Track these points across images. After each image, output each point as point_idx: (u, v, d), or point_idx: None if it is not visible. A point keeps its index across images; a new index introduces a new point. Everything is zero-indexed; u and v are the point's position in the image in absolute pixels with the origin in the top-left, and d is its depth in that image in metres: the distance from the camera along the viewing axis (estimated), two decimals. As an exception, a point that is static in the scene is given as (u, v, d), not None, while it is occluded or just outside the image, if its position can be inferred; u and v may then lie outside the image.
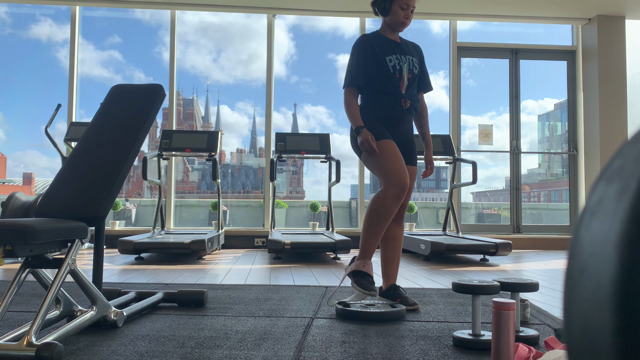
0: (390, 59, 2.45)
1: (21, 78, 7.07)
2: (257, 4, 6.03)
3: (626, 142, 0.39)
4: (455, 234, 5.40)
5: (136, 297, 2.41)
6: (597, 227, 0.37)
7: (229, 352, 1.68)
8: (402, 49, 2.52)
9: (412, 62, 2.50)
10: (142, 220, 6.85)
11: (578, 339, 0.37)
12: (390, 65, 2.44)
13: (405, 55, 2.49)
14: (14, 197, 4.29)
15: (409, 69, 2.48)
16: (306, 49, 7.67)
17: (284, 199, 7.13)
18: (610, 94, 6.11)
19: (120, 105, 2.25)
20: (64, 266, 1.75)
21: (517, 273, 3.85)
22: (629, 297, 0.33)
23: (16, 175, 7.33)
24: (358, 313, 2.19)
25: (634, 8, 5.98)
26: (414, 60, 2.52)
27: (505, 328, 1.51)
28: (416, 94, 2.56)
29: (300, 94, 8.81)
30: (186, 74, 6.82)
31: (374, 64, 2.44)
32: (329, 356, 1.65)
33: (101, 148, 2.10)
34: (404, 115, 2.48)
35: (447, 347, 1.78)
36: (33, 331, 1.53)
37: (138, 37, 7.23)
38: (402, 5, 2.43)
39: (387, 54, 2.46)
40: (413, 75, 2.50)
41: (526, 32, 6.90)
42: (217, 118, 8.96)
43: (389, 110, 2.46)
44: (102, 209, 1.92)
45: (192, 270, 3.80)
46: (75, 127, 5.34)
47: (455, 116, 6.38)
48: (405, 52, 2.51)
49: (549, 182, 7.31)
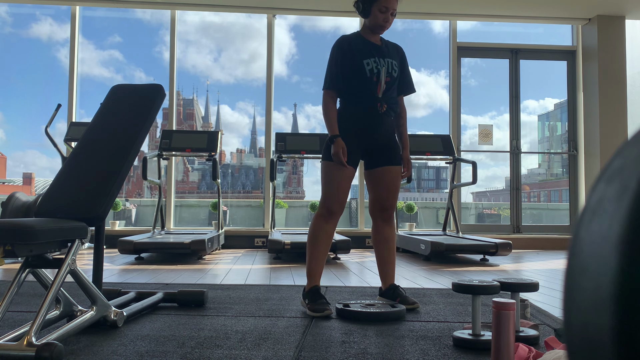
0: (368, 62, 2.42)
1: (21, 77, 7.06)
2: (257, 4, 6.03)
3: (626, 142, 0.39)
4: (455, 234, 5.40)
5: (136, 297, 2.41)
6: (597, 227, 0.37)
7: (229, 352, 1.68)
8: (382, 51, 2.48)
9: (391, 65, 2.46)
10: (142, 220, 6.85)
11: (578, 339, 0.37)
12: (368, 69, 2.41)
13: (384, 58, 2.46)
14: (14, 197, 4.29)
15: (387, 72, 2.44)
16: (307, 49, 7.68)
17: (284, 199, 7.13)
18: (610, 94, 6.11)
19: (120, 105, 2.25)
20: (64, 266, 1.75)
21: (517, 273, 3.85)
22: (629, 297, 0.33)
23: (16, 175, 7.33)
24: (358, 313, 2.19)
25: (634, 8, 5.98)
26: (394, 63, 2.48)
27: (505, 328, 1.51)
28: (395, 97, 2.53)
29: (301, 93, 8.80)
30: (186, 73, 6.82)
31: (351, 67, 2.42)
32: (329, 356, 1.65)
33: (101, 148, 2.10)
34: (380, 118, 2.45)
35: (447, 347, 1.78)
36: (33, 331, 1.53)
37: (138, 37, 7.24)
38: (381, 8, 2.38)
39: (365, 57, 2.42)
40: (392, 78, 2.46)
41: (526, 32, 6.90)
42: (217, 118, 8.97)
43: (365, 115, 2.43)
44: (102, 209, 1.92)
45: (192, 270, 3.80)
46: (75, 127, 5.34)
47: (455, 116, 6.38)
48: (384, 54, 2.47)
49: (549, 182, 7.31)
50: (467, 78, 6.65)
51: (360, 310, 2.20)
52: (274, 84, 6.30)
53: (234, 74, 7.84)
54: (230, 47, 7.72)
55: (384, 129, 2.48)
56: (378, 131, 2.46)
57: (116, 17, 6.93)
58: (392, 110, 2.50)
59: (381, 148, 2.50)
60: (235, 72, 8.14)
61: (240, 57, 7.88)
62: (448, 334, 1.96)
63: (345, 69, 2.43)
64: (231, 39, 7.66)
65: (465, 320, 2.20)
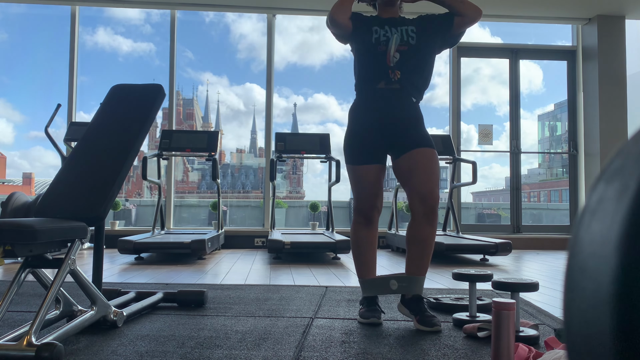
0: (376, 30, 2.19)
1: (22, 77, 7.07)
2: (257, 4, 6.02)
3: (626, 142, 0.39)
4: (455, 234, 5.40)
5: (136, 297, 2.41)
6: (597, 227, 0.37)
7: (229, 352, 1.68)
8: (395, 22, 2.22)
9: (406, 32, 2.18)
10: (142, 220, 6.85)
11: (578, 339, 0.37)
12: (375, 37, 2.18)
13: (398, 27, 2.20)
14: (14, 197, 4.29)
15: (401, 40, 2.17)
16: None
17: (284, 199, 7.13)
18: (610, 94, 6.11)
19: (120, 105, 2.25)
20: (63, 266, 1.75)
21: (517, 273, 3.85)
22: (629, 296, 0.33)
23: (16, 175, 7.33)
24: (450, 305, 2.39)
25: (634, 8, 5.98)
26: (411, 29, 2.19)
27: (505, 328, 1.51)
28: (419, 70, 2.20)
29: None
30: (187, 73, 6.82)
31: (361, 36, 2.22)
32: (329, 356, 1.65)
33: (101, 148, 2.10)
34: (391, 95, 2.17)
35: (447, 347, 1.78)
36: (33, 331, 1.53)
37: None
38: None
39: (374, 25, 2.21)
40: (410, 47, 2.16)
41: (526, 32, 6.90)
42: (217, 118, 8.96)
43: (373, 90, 2.19)
44: (102, 208, 1.92)
45: (192, 270, 3.80)
46: (75, 127, 5.33)
47: (455, 116, 6.38)
48: (398, 24, 2.21)
49: (549, 182, 7.31)
50: (466, 78, 6.65)
51: (451, 303, 2.39)
52: (274, 84, 6.29)
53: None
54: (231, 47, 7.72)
55: (403, 108, 2.17)
56: (397, 110, 2.17)
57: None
58: (410, 85, 2.18)
59: (406, 129, 2.17)
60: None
61: (240, 57, 7.87)
62: (448, 334, 1.96)
63: (353, 39, 2.25)
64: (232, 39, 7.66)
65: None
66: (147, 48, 8.38)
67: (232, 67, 7.89)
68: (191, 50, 7.28)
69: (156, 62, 7.28)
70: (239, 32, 8.54)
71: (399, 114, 2.17)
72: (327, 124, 9.16)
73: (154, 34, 7.17)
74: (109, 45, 7.64)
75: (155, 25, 6.98)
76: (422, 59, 2.20)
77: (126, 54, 8.08)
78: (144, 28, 7.77)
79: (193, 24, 7.09)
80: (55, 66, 6.70)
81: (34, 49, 7.04)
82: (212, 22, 7.57)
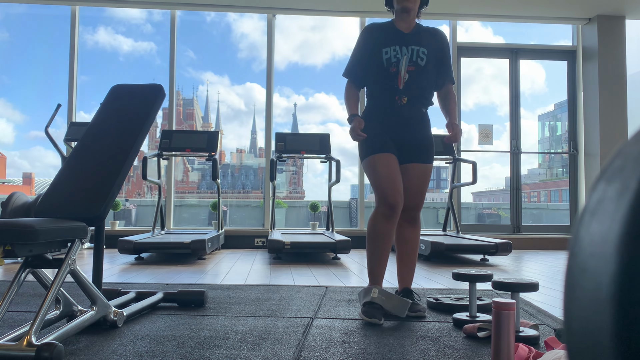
0: (387, 51, 2.28)
1: (22, 77, 7.07)
2: (257, 4, 6.02)
3: (626, 142, 0.39)
4: (455, 234, 5.40)
5: (136, 297, 2.41)
6: (597, 227, 0.37)
7: (229, 352, 1.68)
8: (407, 39, 2.30)
9: (416, 53, 2.26)
10: (142, 220, 6.85)
11: (578, 339, 0.37)
12: (385, 58, 2.27)
13: (409, 46, 2.27)
14: (14, 197, 4.29)
15: (411, 61, 2.26)
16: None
17: (284, 199, 7.13)
18: (610, 94, 6.11)
19: (120, 105, 2.25)
20: (63, 266, 1.75)
21: (517, 273, 3.85)
22: (629, 296, 0.33)
23: (16, 175, 7.33)
24: (450, 305, 2.40)
25: (634, 8, 5.98)
26: (421, 50, 2.28)
27: (505, 328, 1.51)
28: (427, 88, 2.32)
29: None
30: (188, 73, 6.82)
31: (372, 58, 2.31)
32: (329, 356, 1.65)
33: (101, 148, 2.10)
34: (403, 112, 2.29)
35: (447, 347, 1.78)
36: (33, 331, 1.53)
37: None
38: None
39: (384, 45, 2.29)
40: (418, 67, 2.27)
41: (526, 32, 6.90)
42: (217, 118, 8.96)
43: (384, 107, 2.31)
44: (102, 208, 1.92)
45: (192, 270, 3.80)
46: (75, 127, 5.34)
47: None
48: (410, 42, 2.29)
49: (549, 182, 7.31)
50: (467, 78, 6.65)
51: (452, 303, 2.39)
52: (274, 84, 6.29)
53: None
54: (231, 47, 7.72)
55: (409, 123, 2.31)
56: (402, 126, 2.30)
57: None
58: (420, 103, 2.31)
59: (408, 143, 2.32)
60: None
61: (241, 56, 7.87)
62: (448, 334, 1.96)
63: (364, 60, 2.35)
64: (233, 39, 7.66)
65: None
66: (148, 47, 8.37)
67: (233, 66, 7.89)
68: (192, 50, 7.28)
69: (157, 61, 7.28)
70: (240, 32, 8.54)
71: (404, 126, 2.32)
72: (327, 124, 9.14)
73: (155, 34, 7.17)
74: (109, 44, 7.63)
75: (156, 24, 6.98)
76: (429, 78, 2.34)
77: (127, 54, 8.07)
78: (145, 27, 7.77)
79: (195, 24, 7.09)
80: (55, 66, 6.69)
81: (34, 49, 7.04)
82: (213, 21, 7.57)
